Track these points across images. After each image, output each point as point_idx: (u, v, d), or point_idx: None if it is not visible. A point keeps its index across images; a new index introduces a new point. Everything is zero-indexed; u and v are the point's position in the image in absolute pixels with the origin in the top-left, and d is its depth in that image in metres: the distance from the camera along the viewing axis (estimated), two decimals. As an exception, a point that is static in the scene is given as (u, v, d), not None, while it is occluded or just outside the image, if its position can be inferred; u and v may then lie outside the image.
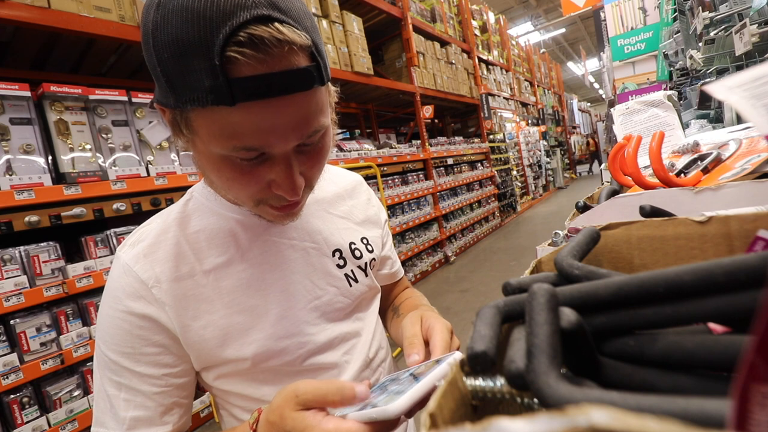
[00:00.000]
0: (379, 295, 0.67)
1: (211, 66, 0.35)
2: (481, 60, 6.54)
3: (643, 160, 0.83)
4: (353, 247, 0.62)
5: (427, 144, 4.65)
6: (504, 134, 7.33)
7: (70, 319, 1.77)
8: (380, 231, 0.70)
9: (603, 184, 1.03)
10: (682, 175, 0.73)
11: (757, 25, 1.09)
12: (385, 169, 3.86)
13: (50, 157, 1.75)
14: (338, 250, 0.60)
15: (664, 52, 2.23)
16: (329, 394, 0.36)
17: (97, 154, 1.86)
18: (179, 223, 0.53)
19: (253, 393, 0.53)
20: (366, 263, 0.62)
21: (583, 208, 0.70)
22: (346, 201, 0.65)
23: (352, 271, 0.60)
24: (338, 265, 0.59)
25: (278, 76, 0.37)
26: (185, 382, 0.52)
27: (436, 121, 6.68)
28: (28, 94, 1.68)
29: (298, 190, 0.44)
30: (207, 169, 0.45)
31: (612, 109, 1.10)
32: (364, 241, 0.64)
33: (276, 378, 0.53)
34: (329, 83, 0.47)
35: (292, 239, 0.57)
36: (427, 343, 0.46)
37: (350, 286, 0.59)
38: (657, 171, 0.63)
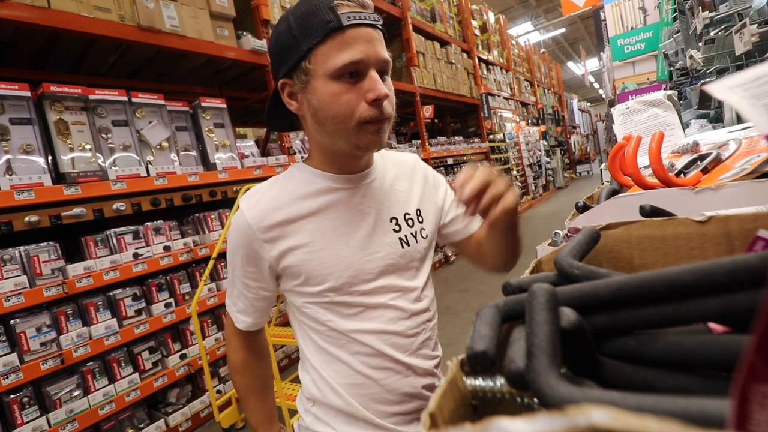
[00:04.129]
0: (429, 262, 0.78)
1: (329, 8, 0.58)
2: (481, 60, 6.54)
3: (643, 160, 0.83)
4: (407, 216, 0.75)
5: (427, 144, 4.65)
6: (504, 134, 7.33)
7: (70, 319, 1.77)
8: (440, 197, 0.82)
9: (603, 184, 1.03)
10: (682, 175, 0.73)
11: (757, 24, 1.08)
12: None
13: (50, 157, 1.75)
14: (394, 218, 0.73)
15: (664, 52, 2.23)
16: None
17: (97, 154, 1.86)
18: (279, 184, 0.71)
19: (316, 315, 0.70)
20: (417, 231, 0.75)
21: (583, 208, 0.70)
22: (406, 179, 0.79)
23: (405, 236, 0.73)
24: (394, 230, 0.72)
25: (366, 14, 0.60)
26: (270, 296, 0.74)
27: (436, 121, 6.68)
28: (28, 94, 1.68)
29: (384, 91, 0.60)
30: (321, 103, 0.61)
31: (612, 109, 1.10)
32: (418, 212, 0.77)
33: (331, 306, 0.69)
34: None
35: (361, 205, 0.71)
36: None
37: (402, 247, 0.72)
38: (656, 171, 0.63)
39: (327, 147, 0.68)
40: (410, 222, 0.75)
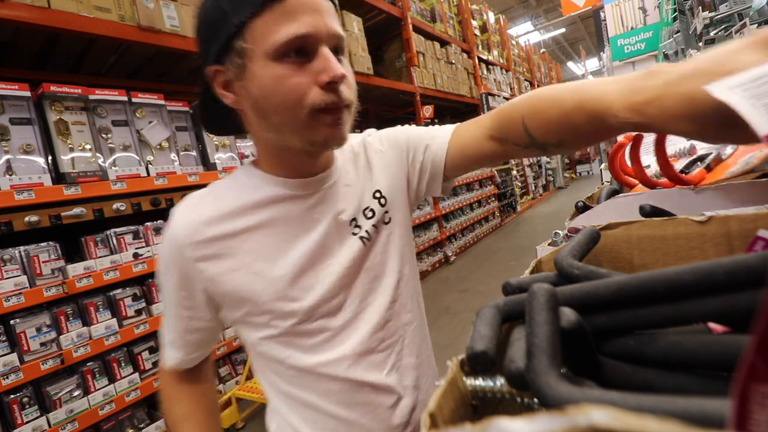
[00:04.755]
0: (399, 247, 0.64)
1: None
2: (481, 60, 6.54)
3: (644, 159, 0.83)
4: (366, 210, 0.63)
5: (427, 144, 4.65)
6: (504, 134, 7.32)
7: (70, 319, 1.77)
8: (404, 158, 0.67)
9: (603, 184, 1.03)
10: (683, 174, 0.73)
11: (757, 24, 1.08)
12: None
13: (50, 157, 1.75)
14: (354, 219, 0.62)
15: (664, 52, 2.23)
16: None
17: (97, 154, 1.86)
18: (217, 193, 0.59)
19: (274, 352, 0.58)
20: (379, 219, 0.63)
21: (583, 208, 0.70)
22: (353, 168, 0.65)
23: (367, 231, 0.62)
24: (353, 233, 0.61)
25: None
26: (205, 328, 0.62)
27: (436, 121, 6.68)
28: (28, 94, 1.67)
29: (340, 71, 0.49)
30: (262, 90, 0.51)
31: (612, 109, 1.10)
32: (378, 193, 0.64)
33: (292, 341, 0.58)
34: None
35: (315, 213, 0.60)
36: None
37: (364, 245, 0.61)
38: (663, 167, 0.63)
39: (276, 146, 0.56)
40: (370, 213, 0.63)
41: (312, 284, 0.57)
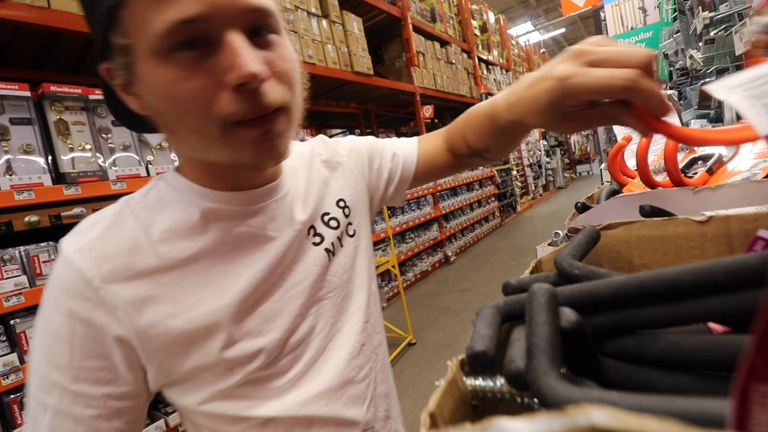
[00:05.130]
0: (364, 262, 0.59)
1: None
2: (481, 60, 6.54)
3: (633, 162, 0.83)
4: (327, 217, 0.55)
5: (427, 144, 4.65)
6: (504, 134, 7.31)
7: (70, 319, 1.77)
8: (366, 168, 0.64)
9: (603, 184, 1.03)
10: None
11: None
12: (385, 169, 3.86)
13: (50, 157, 1.75)
14: (312, 227, 0.53)
15: (664, 52, 2.23)
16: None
17: (97, 154, 1.86)
18: (137, 213, 0.44)
19: (229, 409, 0.45)
20: (343, 230, 0.56)
21: (582, 208, 0.70)
22: (306, 175, 0.57)
23: (332, 243, 0.54)
24: (314, 243, 0.52)
25: None
26: (130, 406, 0.42)
27: (436, 120, 6.68)
28: (28, 94, 1.67)
29: (252, 68, 0.36)
30: (155, 99, 0.38)
31: (612, 109, 1.10)
32: (341, 204, 0.57)
33: (257, 386, 0.46)
34: None
35: (266, 229, 0.49)
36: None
37: (329, 260, 0.53)
38: (671, 171, 0.63)
39: (201, 160, 0.44)
40: (334, 223, 0.56)
41: (276, 311, 0.47)
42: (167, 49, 0.36)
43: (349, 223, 0.58)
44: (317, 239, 0.53)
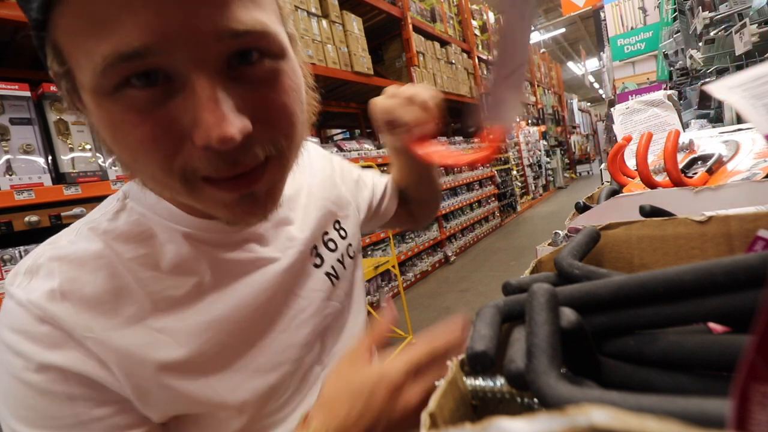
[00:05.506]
0: (363, 287, 0.59)
1: None
2: (481, 60, 6.54)
3: (633, 162, 0.83)
4: (326, 238, 0.52)
5: (427, 144, 4.65)
6: (504, 134, 7.31)
7: (70, 319, 1.77)
8: (356, 194, 0.62)
9: (603, 184, 1.03)
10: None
11: (757, 24, 1.09)
12: (385, 168, 3.86)
13: (50, 157, 1.75)
14: (314, 247, 0.49)
15: (664, 52, 2.23)
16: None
17: (97, 154, 1.86)
18: (112, 245, 0.36)
19: None
20: (343, 251, 0.54)
21: (582, 208, 0.70)
22: (308, 188, 0.53)
23: (332, 267, 0.51)
24: (315, 265, 0.49)
25: None
26: None
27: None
28: (28, 94, 1.67)
29: (227, 127, 0.27)
30: (104, 132, 0.31)
31: (612, 109, 1.10)
32: (337, 226, 0.54)
33: (265, 420, 0.42)
34: None
35: (269, 252, 0.44)
36: None
37: (333, 285, 0.50)
38: (670, 171, 0.63)
39: None
40: (332, 245, 0.52)
41: (285, 342, 0.43)
42: (111, 88, 0.27)
43: (349, 245, 0.55)
44: (318, 261, 0.49)
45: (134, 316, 0.35)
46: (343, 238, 0.55)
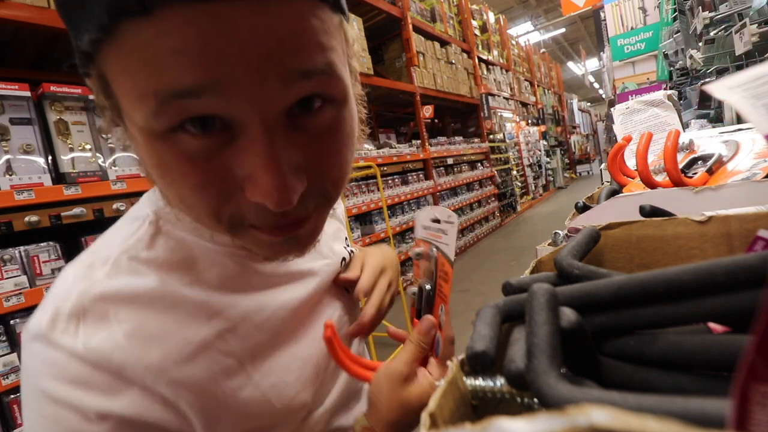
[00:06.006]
0: None
1: None
2: (481, 60, 6.54)
3: (633, 162, 0.83)
4: (349, 249, 0.55)
5: (427, 144, 4.65)
6: (504, 134, 7.33)
7: (70, 319, 1.77)
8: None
9: (603, 184, 1.03)
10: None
11: (757, 24, 1.09)
12: (385, 169, 3.86)
13: (50, 157, 1.75)
14: (343, 258, 0.52)
15: (664, 52, 2.23)
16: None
17: (97, 154, 1.86)
18: (159, 272, 0.35)
19: None
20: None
21: (582, 209, 0.70)
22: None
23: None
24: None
25: None
26: None
27: (436, 121, 6.68)
28: (28, 94, 1.67)
29: (287, 194, 0.26)
30: (149, 167, 0.30)
31: (612, 109, 1.10)
32: (346, 239, 0.58)
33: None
34: (345, 21, 0.30)
35: (310, 259, 0.45)
36: None
37: (349, 292, 0.52)
38: (670, 171, 0.63)
39: None
40: (348, 257, 0.55)
41: (316, 354, 0.44)
42: (165, 130, 0.26)
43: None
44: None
45: (201, 343, 0.34)
46: (350, 254, 0.57)
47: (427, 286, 0.42)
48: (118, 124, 0.30)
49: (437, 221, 0.40)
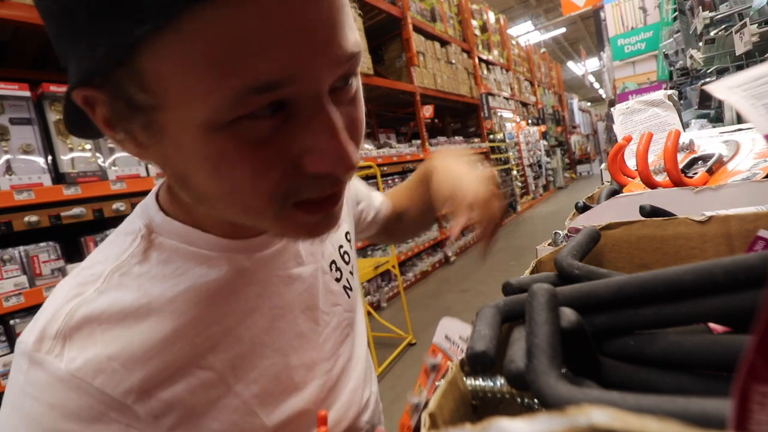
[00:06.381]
0: (359, 285, 0.58)
1: None
2: (481, 60, 6.54)
3: (633, 162, 0.83)
4: (342, 251, 0.52)
5: (427, 144, 4.65)
6: (504, 134, 7.32)
7: (70, 319, 1.77)
8: (354, 204, 0.61)
9: (603, 184, 1.03)
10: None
11: (757, 24, 1.08)
12: (385, 169, 3.86)
13: (50, 157, 1.75)
14: (333, 261, 0.50)
15: (664, 52, 2.23)
16: None
17: (97, 154, 1.86)
18: (148, 289, 0.34)
19: None
20: (353, 265, 0.54)
21: (583, 208, 0.70)
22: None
23: (347, 279, 0.52)
24: (336, 279, 0.49)
25: None
26: None
27: (436, 120, 6.68)
28: (27, 94, 1.67)
29: (350, 157, 0.28)
30: (192, 169, 0.29)
31: (612, 109, 1.10)
32: (348, 236, 0.55)
33: None
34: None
35: (302, 265, 0.44)
36: None
37: (348, 297, 0.51)
38: (670, 171, 0.63)
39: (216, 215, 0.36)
40: (347, 257, 0.52)
41: (316, 365, 0.44)
42: (228, 121, 0.25)
43: (354, 260, 0.55)
44: (338, 275, 0.50)
45: (187, 358, 0.34)
46: (351, 247, 0.55)
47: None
48: (149, 130, 0.28)
49: (464, 339, 0.37)
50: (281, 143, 0.27)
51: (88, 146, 1.84)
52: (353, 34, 0.28)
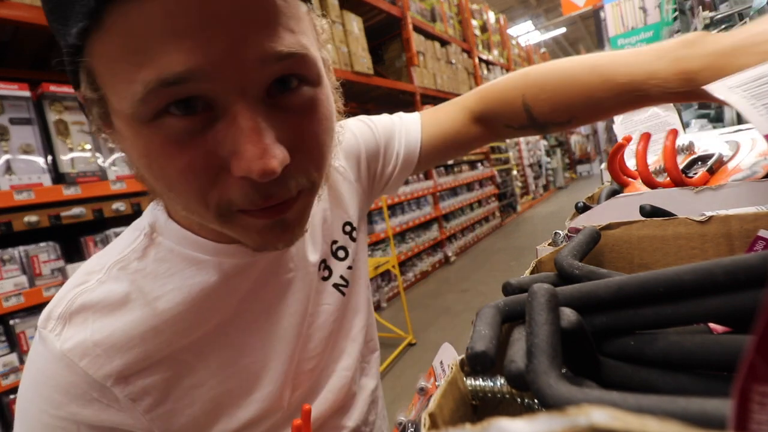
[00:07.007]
0: (366, 303, 0.54)
1: None
2: (481, 60, 6.54)
3: (633, 162, 0.83)
4: (335, 247, 0.50)
5: (427, 144, 4.64)
6: (504, 134, 7.31)
7: (70, 319, 1.77)
8: (364, 164, 0.55)
9: (603, 184, 1.03)
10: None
11: (757, 24, 1.08)
12: (385, 168, 3.86)
13: (50, 157, 1.75)
14: (323, 261, 0.48)
15: (664, 52, 2.23)
16: None
17: (97, 154, 1.86)
18: (141, 285, 0.36)
19: None
20: (354, 258, 0.51)
21: (583, 208, 0.70)
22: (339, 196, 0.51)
23: (341, 276, 0.49)
24: (323, 278, 0.48)
25: None
26: None
27: (436, 120, 6.67)
28: (27, 94, 1.67)
29: (269, 160, 0.26)
30: (137, 160, 0.30)
31: (612, 109, 1.10)
32: (347, 228, 0.51)
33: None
34: (312, 11, 0.32)
35: (290, 270, 0.44)
36: None
37: (343, 295, 0.49)
38: (670, 170, 0.63)
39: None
40: (342, 253, 0.50)
41: (294, 358, 0.44)
42: (150, 116, 0.26)
43: (355, 252, 0.52)
44: (326, 273, 0.48)
45: (164, 357, 0.37)
46: (353, 240, 0.52)
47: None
48: (106, 120, 0.31)
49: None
50: (207, 145, 0.28)
51: (87, 146, 1.84)
52: (292, 37, 0.27)
